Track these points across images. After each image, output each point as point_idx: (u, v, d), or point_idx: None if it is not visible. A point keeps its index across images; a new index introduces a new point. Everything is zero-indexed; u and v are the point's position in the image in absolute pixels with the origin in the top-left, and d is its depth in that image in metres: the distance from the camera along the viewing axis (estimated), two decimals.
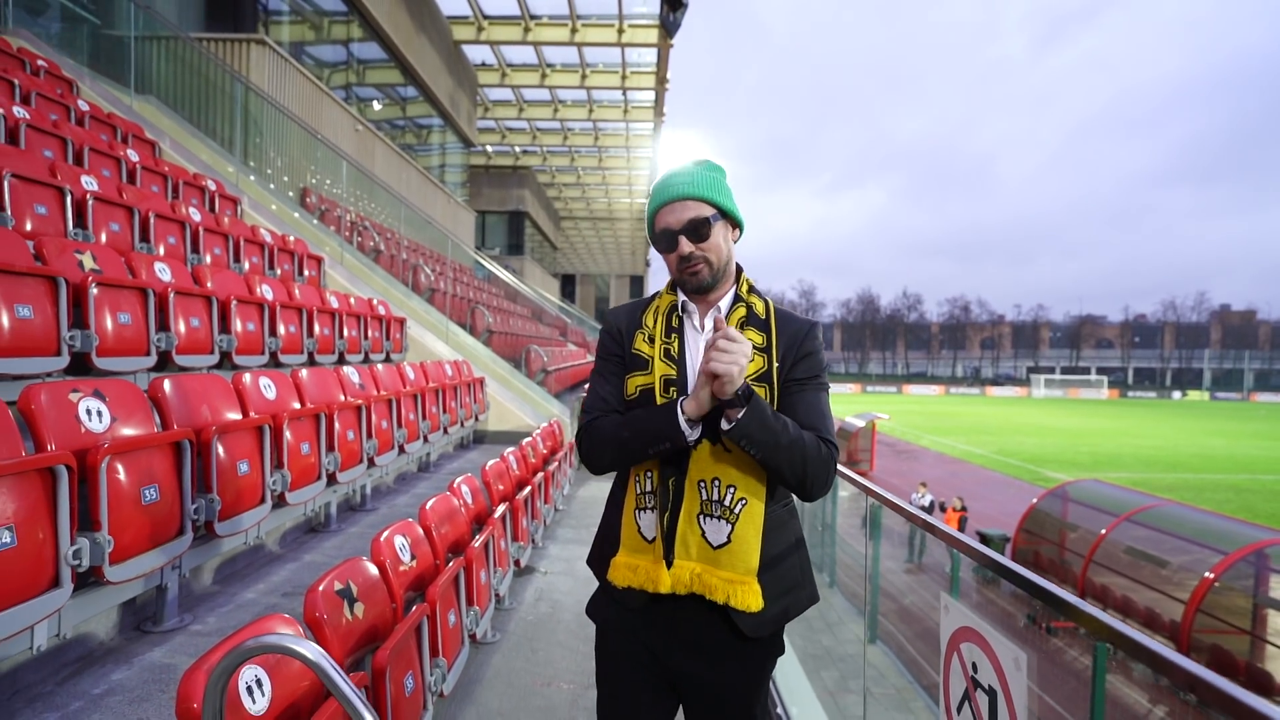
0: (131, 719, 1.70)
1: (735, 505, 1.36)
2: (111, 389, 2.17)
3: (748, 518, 1.35)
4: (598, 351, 1.55)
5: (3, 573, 1.55)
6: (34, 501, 1.66)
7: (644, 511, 1.42)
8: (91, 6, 7.85)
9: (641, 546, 1.41)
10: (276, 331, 4.19)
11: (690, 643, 1.39)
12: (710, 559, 1.35)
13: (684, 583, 1.34)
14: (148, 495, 2.03)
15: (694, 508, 1.36)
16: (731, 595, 1.32)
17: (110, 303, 2.90)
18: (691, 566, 1.35)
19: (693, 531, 1.36)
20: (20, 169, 3.38)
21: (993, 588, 11.19)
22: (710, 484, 1.37)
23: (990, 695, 1.11)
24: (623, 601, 1.43)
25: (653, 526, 1.40)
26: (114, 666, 1.96)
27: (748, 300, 1.46)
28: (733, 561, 1.34)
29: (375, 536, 2.33)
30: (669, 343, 1.45)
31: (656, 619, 1.41)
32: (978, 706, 1.15)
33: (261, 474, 2.67)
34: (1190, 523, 10.19)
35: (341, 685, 1.28)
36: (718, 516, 1.36)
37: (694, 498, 1.37)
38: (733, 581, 1.33)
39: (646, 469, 1.42)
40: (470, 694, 2.84)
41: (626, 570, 1.41)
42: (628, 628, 1.44)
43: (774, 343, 1.41)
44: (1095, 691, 5.74)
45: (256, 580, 2.75)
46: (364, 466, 3.67)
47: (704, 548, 1.35)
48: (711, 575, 1.34)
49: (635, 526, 1.43)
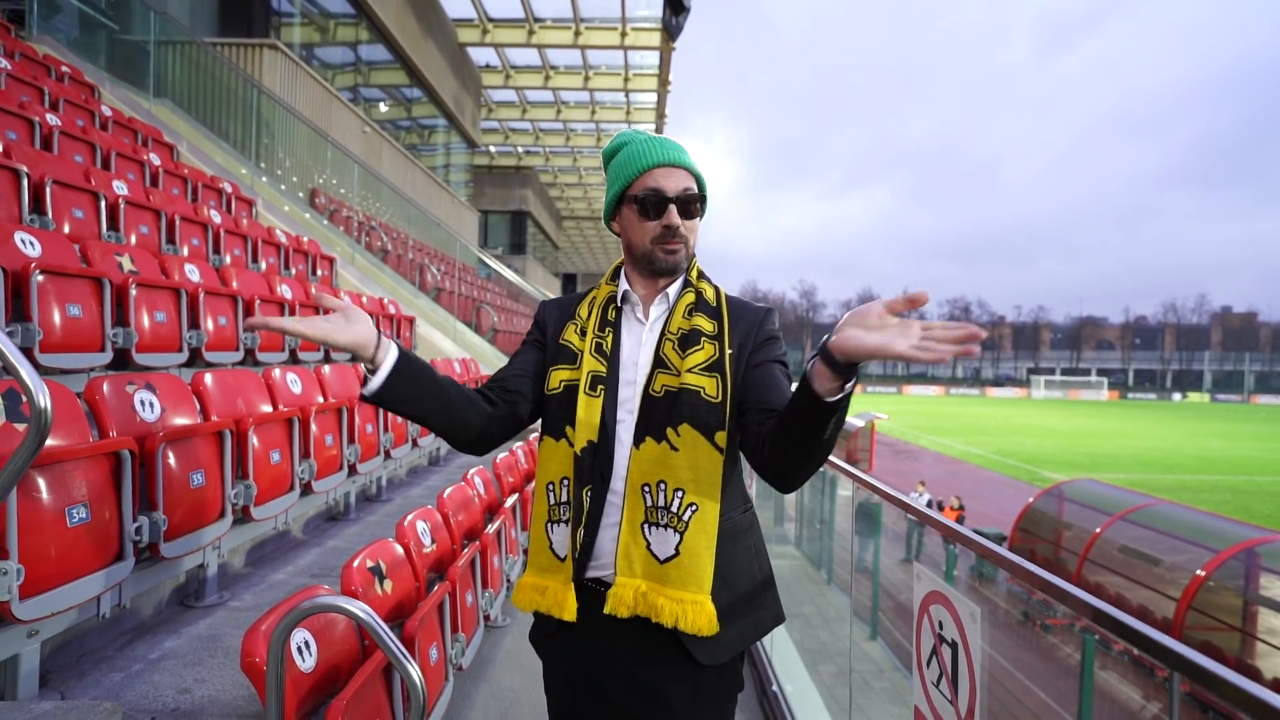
0: (188, 679, 1.89)
1: (684, 511, 1.20)
2: (160, 382, 2.36)
3: (698, 525, 1.19)
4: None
5: (79, 544, 1.74)
6: (102, 482, 1.85)
7: (557, 525, 1.27)
8: (109, 13, 8.04)
9: (552, 565, 1.27)
10: None
11: (629, 674, 1.22)
12: (657, 575, 1.19)
13: (627, 603, 1.18)
14: (195, 480, 2.21)
15: (637, 516, 1.21)
16: (681, 616, 1.16)
17: (148, 302, 3.09)
18: (636, 584, 1.19)
19: (637, 544, 1.20)
20: (59, 175, 3.57)
21: (989, 586, 11.36)
22: (655, 488, 1.20)
23: (953, 647, 1.29)
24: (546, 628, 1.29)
25: (565, 543, 1.25)
26: (165, 636, 2.15)
27: (697, 286, 1.33)
28: (682, 577, 1.17)
29: (399, 521, 2.52)
30: (602, 337, 1.32)
31: (592, 643, 1.25)
32: (943, 658, 1.33)
33: (291, 463, 2.85)
34: (1183, 522, 10.36)
35: (387, 640, 1.47)
36: (664, 525, 1.20)
37: (637, 504, 1.21)
38: (683, 601, 1.16)
39: (560, 475, 1.27)
40: (484, 672, 3.02)
41: (533, 593, 1.28)
42: (568, 654, 1.29)
43: (725, 330, 1.28)
44: (1084, 682, 5.92)
45: (285, 563, 2.94)
46: (381, 458, 3.86)
47: (649, 562, 1.19)
48: (657, 594, 1.17)
49: (546, 541, 1.28)
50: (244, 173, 8.02)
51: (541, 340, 1.37)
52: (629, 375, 1.29)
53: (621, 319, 1.34)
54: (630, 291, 1.34)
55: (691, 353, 1.25)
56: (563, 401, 1.28)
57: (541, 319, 1.40)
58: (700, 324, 1.27)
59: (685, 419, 1.21)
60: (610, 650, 1.23)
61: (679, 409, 1.22)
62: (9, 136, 4.05)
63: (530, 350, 1.38)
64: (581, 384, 1.28)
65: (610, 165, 1.35)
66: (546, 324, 1.38)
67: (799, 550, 9.22)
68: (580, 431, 1.24)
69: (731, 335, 1.28)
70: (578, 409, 1.25)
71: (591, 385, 1.27)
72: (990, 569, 10.95)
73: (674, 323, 1.29)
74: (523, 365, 1.37)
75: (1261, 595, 8.66)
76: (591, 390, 1.26)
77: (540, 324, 1.39)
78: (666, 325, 1.30)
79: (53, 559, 1.67)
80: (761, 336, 1.29)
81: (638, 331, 1.33)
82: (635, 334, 1.33)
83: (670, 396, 1.23)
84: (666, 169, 1.26)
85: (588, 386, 1.27)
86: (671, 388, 1.24)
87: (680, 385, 1.23)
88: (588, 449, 1.23)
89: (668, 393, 1.23)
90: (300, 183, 9.83)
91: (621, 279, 1.36)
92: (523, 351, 1.39)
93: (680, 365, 1.24)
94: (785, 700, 3.07)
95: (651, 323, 1.33)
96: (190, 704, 1.78)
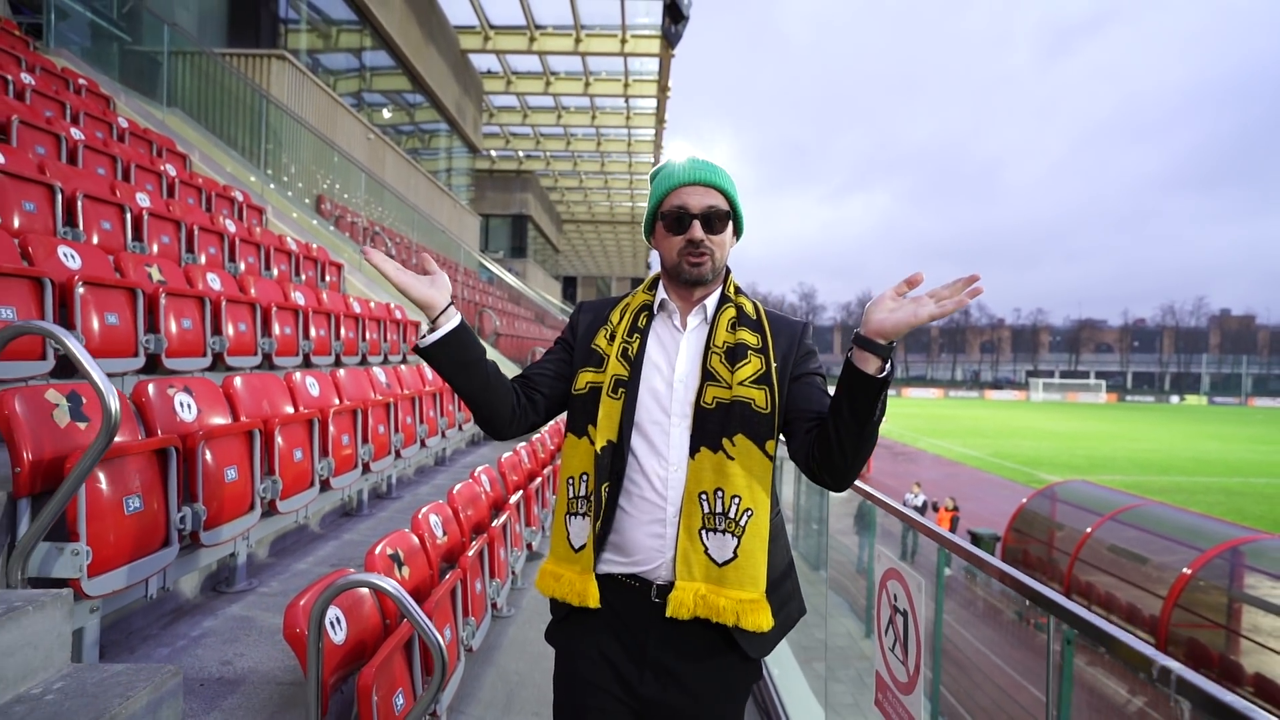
0: (228, 654, 2.09)
1: (741, 517, 1.26)
2: (196, 385, 2.57)
3: (754, 530, 1.26)
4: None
5: (135, 530, 1.94)
6: (152, 476, 2.05)
7: (575, 517, 1.34)
8: (122, 24, 8.25)
9: (568, 554, 1.33)
10: (309, 335, 4.59)
11: (662, 667, 1.28)
12: (716, 578, 1.25)
13: (688, 606, 1.24)
14: (229, 475, 2.42)
15: (695, 522, 1.27)
16: (742, 616, 1.23)
17: (176, 310, 3.30)
18: (696, 588, 1.24)
19: (695, 549, 1.26)
20: (88, 189, 3.78)
21: (983, 586, 11.56)
22: (713, 495, 1.27)
23: (904, 615, 1.50)
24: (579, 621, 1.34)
25: (582, 534, 1.32)
26: (202, 617, 2.35)
27: (737, 301, 1.40)
28: (740, 578, 1.24)
29: (414, 513, 2.72)
30: (629, 342, 1.38)
31: (625, 639, 1.31)
32: (896, 624, 1.53)
33: (311, 461, 3.06)
34: (1171, 522, 10.57)
35: (413, 610, 1.67)
36: (722, 530, 1.26)
37: (695, 511, 1.27)
38: (742, 601, 1.23)
39: (580, 471, 1.34)
40: (490, 657, 3.23)
41: (551, 579, 1.35)
42: (593, 650, 1.33)
43: (769, 344, 1.35)
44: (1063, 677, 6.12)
45: (305, 555, 3.14)
46: (392, 458, 4.06)
47: (708, 566, 1.25)
48: (718, 596, 1.24)
49: (564, 532, 1.35)
50: (253, 180, 8.23)
51: (571, 343, 1.44)
52: (651, 380, 1.36)
53: (651, 327, 1.40)
54: (668, 300, 1.41)
55: (740, 366, 1.31)
56: (587, 402, 1.36)
57: (576, 321, 1.47)
58: (745, 338, 1.34)
59: (739, 429, 1.28)
60: (642, 645, 1.28)
61: (733, 420, 1.28)
62: (38, 151, 4.26)
63: (560, 351, 1.46)
64: (605, 387, 1.34)
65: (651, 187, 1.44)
66: (579, 326, 1.45)
67: (796, 551, 9.44)
68: (601, 431, 1.31)
69: (775, 349, 1.35)
70: (600, 410, 1.32)
71: (614, 388, 1.33)
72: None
73: (719, 336, 1.35)
74: (550, 365, 1.45)
75: (1245, 593, 8.85)
76: (614, 393, 1.33)
77: (574, 326, 1.46)
78: (711, 339, 1.36)
79: (112, 544, 1.88)
80: (802, 350, 1.38)
81: (674, 338, 1.39)
82: (671, 341, 1.39)
83: (723, 409, 1.29)
84: (693, 187, 1.34)
85: (610, 389, 1.34)
86: (723, 400, 1.30)
87: (732, 398, 1.29)
88: (607, 448, 1.31)
89: (719, 405, 1.30)
90: (305, 189, 10.04)
91: (659, 289, 1.43)
92: (553, 351, 1.47)
93: (730, 379, 1.31)
94: (773, 684, 3.27)
95: (689, 333, 1.39)
96: (233, 674, 1.98)
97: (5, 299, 2.39)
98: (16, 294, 2.46)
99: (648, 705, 1.29)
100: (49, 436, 1.84)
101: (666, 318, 1.41)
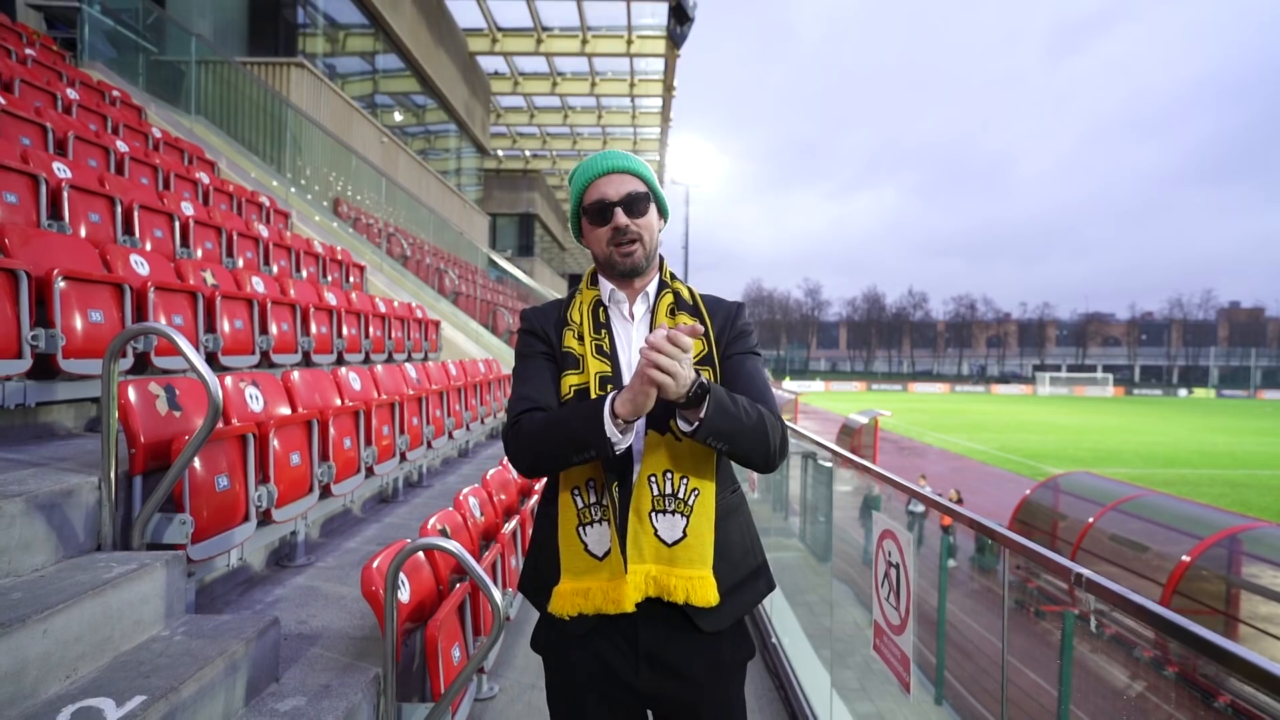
0: (302, 615, 2.37)
1: (689, 497, 1.29)
2: (261, 380, 2.85)
3: (701, 508, 1.29)
4: (518, 350, 1.45)
5: (224, 506, 2.22)
6: (235, 459, 2.33)
7: (590, 526, 1.31)
8: (147, 35, 8.56)
9: (590, 566, 1.30)
10: (342, 333, 4.87)
11: (654, 657, 1.30)
12: (666, 558, 1.27)
13: (639, 588, 1.25)
14: (294, 459, 2.70)
15: (645, 505, 1.28)
16: (690, 592, 1.25)
17: (229, 312, 3.58)
18: (646, 569, 1.26)
19: (645, 531, 1.27)
20: (140, 199, 4.07)
21: (990, 576, 11.79)
22: (662, 477, 1.28)
23: (896, 568, 1.75)
24: (569, 629, 1.31)
25: (604, 541, 1.29)
26: (272, 587, 2.63)
27: (673, 286, 1.42)
28: (689, 557, 1.27)
29: (456, 495, 3.00)
30: (599, 338, 1.37)
31: (614, 638, 1.31)
32: (891, 577, 1.79)
33: (358, 449, 3.34)
34: (1171, 511, 10.77)
35: (475, 568, 1.94)
36: (671, 511, 1.28)
37: (645, 495, 1.28)
38: (690, 578, 1.26)
39: (587, 478, 1.31)
40: (521, 629, 3.51)
41: (574, 598, 1.29)
42: (586, 654, 1.32)
43: (709, 326, 1.37)
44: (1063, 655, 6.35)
45: (352, 535, 3.43)
46: (424, 448, 4.34)
47: (658, 547, 1.27)
48: (668, 575, 1.26)
49: (580, 545, 1.31)
50: (275, 185, 8.53)
51: (550, 352, 1.39)
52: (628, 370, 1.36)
53: (611, 319, 1.40)
54: (616, 290, 1.41)
55: None
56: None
57: (540, 330, 1.42)
58: (684, 321, 1.36)
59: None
60: (631, 638, 1.29)
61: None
62: (89, 164, 4.55)
63: (546, 363, 1.39)
64: (592, 386, 1.32)
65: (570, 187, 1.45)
66: (548, 334, 1.40)
67: (802, 543, 9.69)
68: None
69: (714, 330, 1.37)
70: None
71: (600, 385, 1.31)
72: (990, 559, 11.43)
73: (658, 322, 1.37)
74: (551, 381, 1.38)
75: (1243, 579, 9.07)
76: (601, 390, 1.30)
77: (541, 335, 1.41)
78: (652, 326, 1.38)
79: (207, 516, 2.15)
80: (735, 331, 1.39)
81: (627, 329, 1.40)
82: (627, 332, 1.40)
83: None
84: (609, 176, 1.35)
85: (598, 387, 1.32)
86: None
87: None
88: None
89: None
90: (321, 192, 10.34)
91: (602, 283, 1.43)
92: (539, 367, 1.39)
93: None
94: (784, 651, 3.53)
95: (637, 322, 1.40)
96: (309, 630, 2.26)
97: (94, 303, 2.67)
98: (101, 299, 2.74)
99: (649, 701, 1.32)
100: (154, 423, 2.12)
101: (616, 308, 1.42)
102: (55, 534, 1.78)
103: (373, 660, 2.08)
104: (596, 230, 1.37)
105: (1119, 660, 8.91)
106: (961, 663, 7.41)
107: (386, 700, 1.97)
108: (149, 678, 1.53)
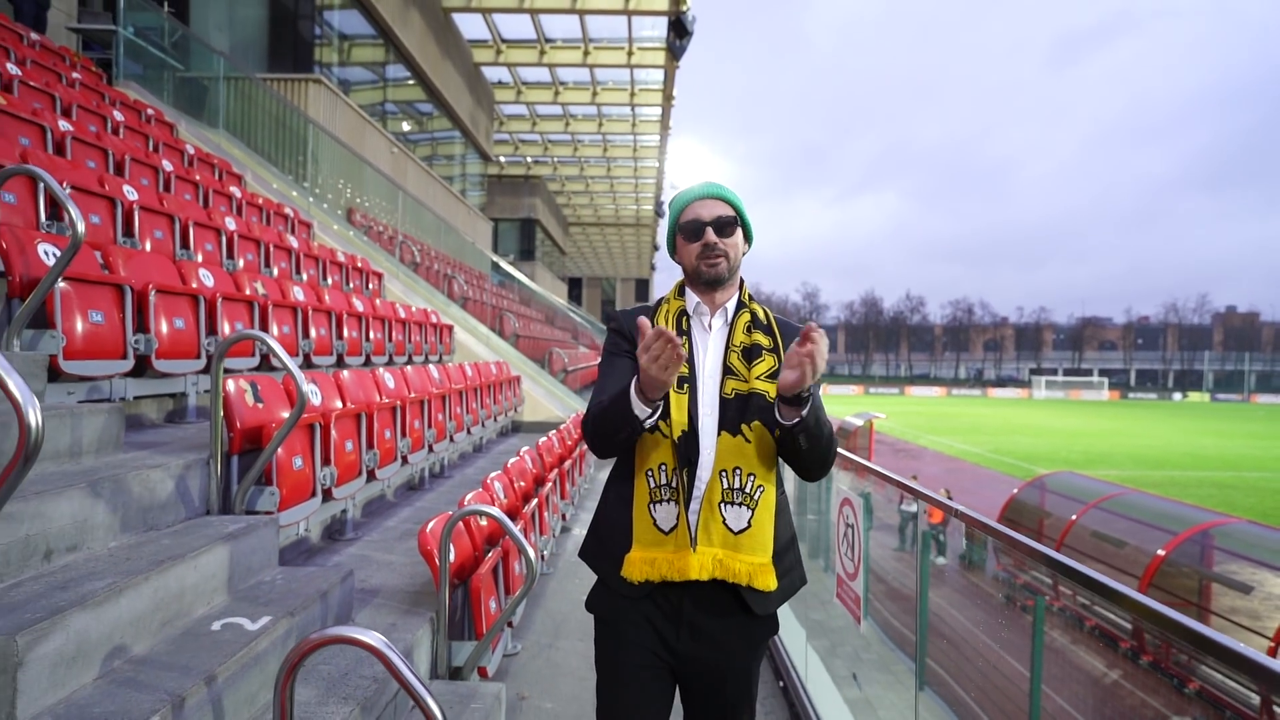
0: (360, 575, 2.82)
1: (755, 492, 1.47)
2: (317, 377, 3.30)
3: (765, 504, 1.47)
4: (605, 349, 1.62)
5: (299, 483, 2.67)
6: (305, 444, 2.78)
7: (659, 504, 1.48)
8: (173, 53, 9.01)
9: (658, 539, 1.47)
10: (370, 337, 5.32)
11: (695, 625, 1.48)
12: (732, 544, 1.45)
13: (706, 568, 1.43)
14: (348, 446, 3.15)
15: (716, 496, 1.45)
16: (754, 577, 1.43)
17: (279, 318, 4.03)
18: (714, 552, 1.44)
19: (715, 519, 1.45)
20: (195, 217, 4.52)
21: (976, 572, 12.23)
22: (731, 473, 1.46)
23: (851, 528, 2.19)
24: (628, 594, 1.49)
25: (670, 518, 1.47)
26: (329, 555, 3.08)
27: (750, 307, 1.59)
28: (753, 545, 1.45)
29: (484, 478, 3.45)
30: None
31: (662, 605, 1.49)
32: (849, 536, 2.23)
33: (395, 440, 3.79)
34: (1149, 509, 11.23)
35: (514, 530, 2.39)
36: (739, 504, 1.45)
37: (716, 487, 1.45)
38: (753, 565, 1.44)
39: (659, 462, 1.49)
40: (539, 601, 3.95)
41: (643, 565, 1.47)
42: (636, 616, 1.50)
43: (780, 345, 1.55)
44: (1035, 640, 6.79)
45: (389, 517, 3.87)
46: (447, 441, 4.79)
47: (726, 534, 1.45)
48: (734, 560, 1.44)
49: (650, 520, 1.48)
50: (295, 196, 8.98)
51: (633, 352, 1.49)
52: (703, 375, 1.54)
53: (692, 328, 1.58)
54: (701, 304, 1.59)
55: (756, 363, 1.52)
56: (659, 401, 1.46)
57: (628, 331, 1.57)
58: (759, 339, 1.54)
59: (755, 416, 1.48)
60: (677, 606, 1.48)
61: (750, 409, 1.48)
62: (142, 183, 5.00)
63: (627, 362, 1.53)
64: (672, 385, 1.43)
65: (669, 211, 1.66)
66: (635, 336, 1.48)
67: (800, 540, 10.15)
68: (676, 423, 1.47)
69: (784, 349, 1.54)
70: (671, 406, 1.48)
71: (679, 385, 1.50)
72: (979, 557, 11.88)
73: (736, 338, 1.55)
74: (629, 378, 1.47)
75: (1214, 572, 9.52)
76: (679, 389, 1.49)
77: (627, 335, 1.57)
78: (730, 340, 1.56)
79: (287, 491, 2.60)
80: None
81: (704, 339, 1.58)
82: (704, 341, 1.57)
83: (741, 399, 1.49)
84: (704, 201, 1.56)
85: (676, 387, 1.49)
86: (741, 391, 1.50)
87: (750, 390, 1.50)
88: (682, 437, 1.47)
89: (738, 395, 1.50)
90: (335, 201, 10.80)
91: (688, 294, 1.61)
92: (620, 365, 1.55)
93: (748, 374, 1.51)
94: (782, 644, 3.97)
95: (714, 333, 1.58)
96: (369, 586, 2.71)
97: (178, 312, 3.12)
98: (181, 308, 3.19)
99: (683, 660, 1.50)
100: (246, 413, 2.57)
101: (698, 319, 1.60)
102: (180, 499, 2.23)
103: (425, 608, 2.52)
104: (689, 246, 1.56)
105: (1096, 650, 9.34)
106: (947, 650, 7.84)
107: (440, 636, 2.41)
108: (267, 606, 1.98)
